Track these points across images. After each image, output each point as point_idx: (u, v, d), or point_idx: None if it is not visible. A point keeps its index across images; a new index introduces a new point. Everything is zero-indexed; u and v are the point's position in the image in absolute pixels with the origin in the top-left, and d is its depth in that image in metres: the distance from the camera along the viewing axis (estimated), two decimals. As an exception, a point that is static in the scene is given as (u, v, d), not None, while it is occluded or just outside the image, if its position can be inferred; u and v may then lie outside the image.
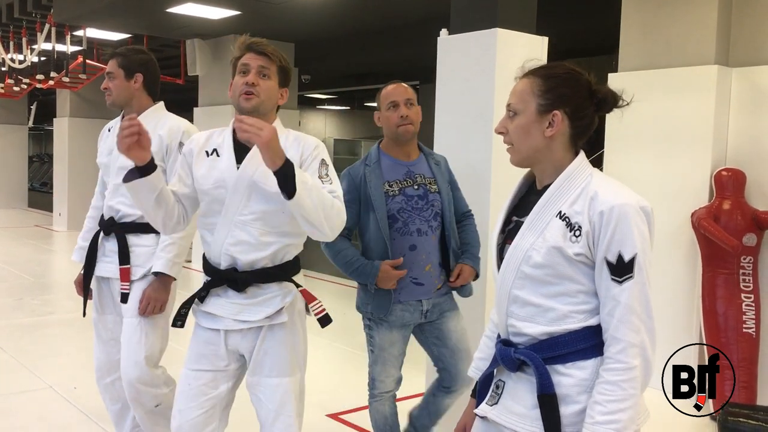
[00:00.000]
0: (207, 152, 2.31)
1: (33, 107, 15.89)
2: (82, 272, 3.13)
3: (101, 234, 3.07)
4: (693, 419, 4.00)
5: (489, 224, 3.33)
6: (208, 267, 2.35)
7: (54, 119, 13.07)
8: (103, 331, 3.13)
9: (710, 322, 4.30)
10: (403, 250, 2.87)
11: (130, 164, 2.15)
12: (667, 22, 4.64)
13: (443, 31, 3.73)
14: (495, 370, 1.73)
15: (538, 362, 1.57)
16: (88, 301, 3.21)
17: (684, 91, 4.50)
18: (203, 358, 2.35)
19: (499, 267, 1.68)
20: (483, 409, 1.71)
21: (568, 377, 1.57)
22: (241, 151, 2.26)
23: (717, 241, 4.17)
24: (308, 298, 2.41)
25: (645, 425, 1.62)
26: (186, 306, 2.38)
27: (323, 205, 2.12)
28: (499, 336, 1.73)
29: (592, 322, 1.58)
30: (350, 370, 5.16)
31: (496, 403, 1.68)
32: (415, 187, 2.92)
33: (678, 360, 4.52)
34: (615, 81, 4.74)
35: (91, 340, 5.66)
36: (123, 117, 3.08)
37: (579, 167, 1.63)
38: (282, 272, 2.33)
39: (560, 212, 1.59)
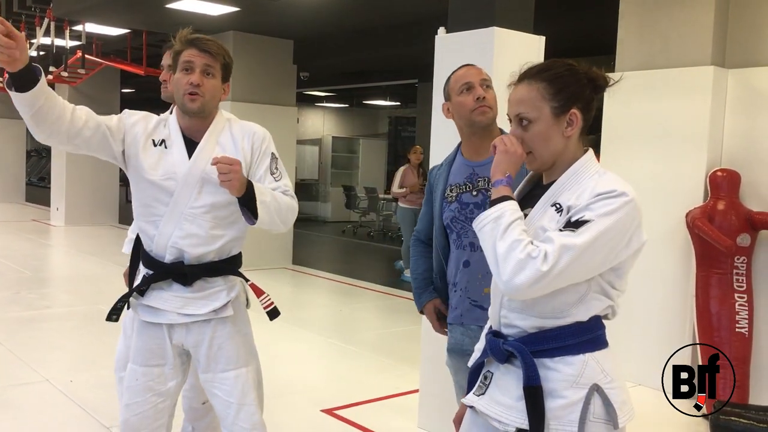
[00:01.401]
0: (154, 141, 2.28)
1: (31, 102, 15.85)
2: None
3: None
4: (686, 418, 4.02)
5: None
6: (149, 260, 2.31)
7: (52, 114, 13.05)
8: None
9: (703, 322, 4.33)
10: (458, 266, 2.46)
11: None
12: (664, 23, 4.66)
13: (441, 30, 3.75)
14: (485, 361, 1.75)
15: (525, 354, 1.59)
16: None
17: (680, 92, 4.52)
18: (149, 353, 2.33)
19: None
20: (470, 399, 1.73)
21: (554, 372, 1.58)
22: (190, 144, 2.27)
23: (711, 241, 4.20)
24: (257, 291, 2.42)
25: (630, 422, 1.64)
26: (123, 300, 2.34)
27: (279, 211, 2.23)
28: (490, 327, 1.75)
29: (581, 317, 1.60)
30: (345, 365, 5.19)
31: (483, 394, 1.70)
32: (474, 193, 2.44)
33: (673, 360, 4.55)
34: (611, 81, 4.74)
35: (89, 334, 5.70)
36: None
37: (585, 164, 1.64)
38: (228, 266, 2.34)
39: (555, 203, 1.61)
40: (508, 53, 3.46)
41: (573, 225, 1.52)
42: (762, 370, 4.30)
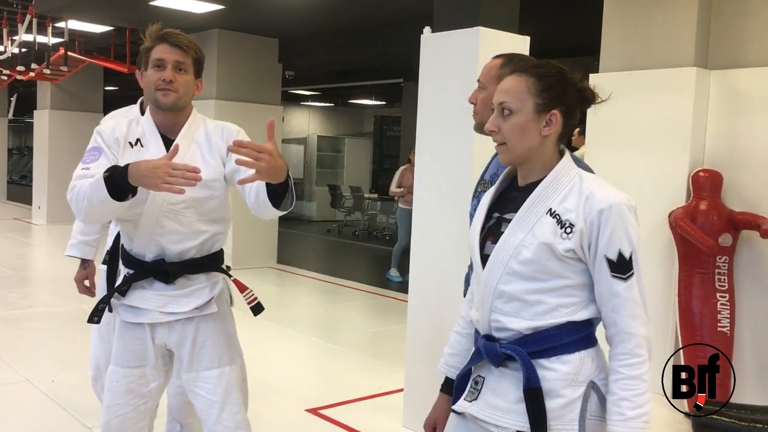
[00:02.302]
0: (131, 143, 2.25)
1: (13, 99, 15.71)
2: (110, 270, 3.00)
3: None
4: (668, 416, 4.05)
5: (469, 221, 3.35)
6: (129, 260, 2.28)
7: (34, 111, 12.95)
8: (107, 329, 2.99)
9: (686, 321, 4.36)
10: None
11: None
12: (647, 24, 4.69)
13: (426, 29, 3.75)
14: (473, 367, 1.73)
15: (524, 356, 1.58)
16: (94, 295, 3.13)
17: (663, 93, 4.56)
18: (131, 354, 2.29)
19: (482, 263, 1.68)
20: (462, 405, 1.71)
21: (552, 371, 1.58)
22: (165, 141, 2.25)
23: (693, 240, 4.23)
24: (240, 287, 2.40)
25: None
26: (104, 301, 2.30)
27: (293, 202, 2.19)
28: (478, 332, 1.73)
29: (576, 316, 1.60)
30: (330, 365, 5.18)
31: (475, 399, 1.68)
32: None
33: (654, 361, 4.58)
34: (596, 82, 4.76)
35: (71, 333, 5.64)
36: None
37: (567, 166, 1.65)
38: (210, 262, 2.31)
39: (550, 209, 1.61)
40: (493, 53, 3.45)
41: (626, 266, 1.59)
42: (743, 369, 4.34)
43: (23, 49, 10.81)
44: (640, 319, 1.58)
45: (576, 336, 1.60)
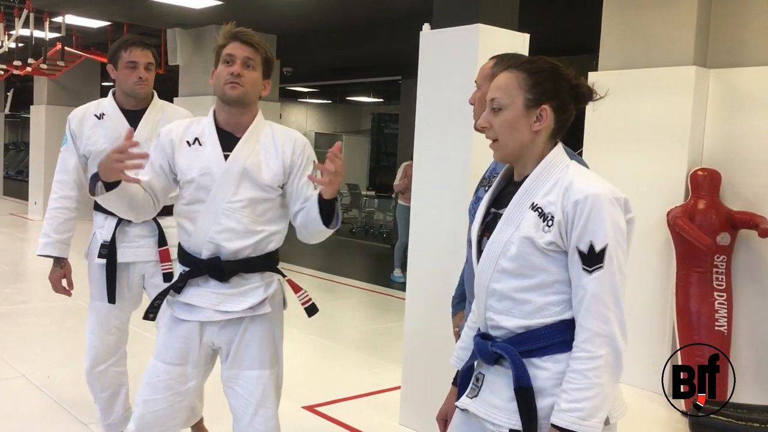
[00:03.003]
0: (188, 142, 2.29)
1: (10, 94, 15.65)
2: (109, 263, 3.04)
3: (119, 222, 3.03)
4: (665, 415, 4.06)
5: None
6: (186, 257, 2.31)
7: (31, 107, 12.90)
8: (108, 318, 3.06)
9: (683, 320, 4.36)
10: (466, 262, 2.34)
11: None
12: (647, 22, 4.68)
13: (426, 26, 3.74)
14: (475, 363, 1.74)
15: (514, 355, 1.58)
16: (72, 289, 3.19)
17: (662, 91, 4.55)
18: (174, 351, 2.30)
19: (478, 260, 1.68)
20: (464, 402, 1.72)
21: (543, 370, 1.58)
22: (223, 138, 2.28)
23: (691, 239, 4.23)
24: (295, 288, 2.41)
25: (621, 419, 1.65)
26: (160, 298, 2.32)
27: (339, 221, 2.27)
28: (478, 329, 1.74)
29: (567, 315, 1.59)
30: (326, 362, 5.17)
31: (476, 396, 1.69)
32: (487, 188, 2.23)
33: (651, 359, 4.60)
34: (595, 80, 4.75)
35: (67, 329, 5.63)
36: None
37: (556, 158, 1.64)
38: (265, 262, 2.33)
39: (533, 203, 1.60)
40: (492, 51, 3.44)
41: (596, 259, 1.53)
42: (740, 368, 4.34)
43: (20, 44, 10.78)
44: (597, 315, 1.53)
45: (568, 336, 1.58)
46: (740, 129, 4.41)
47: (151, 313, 2.34)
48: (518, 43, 3.59)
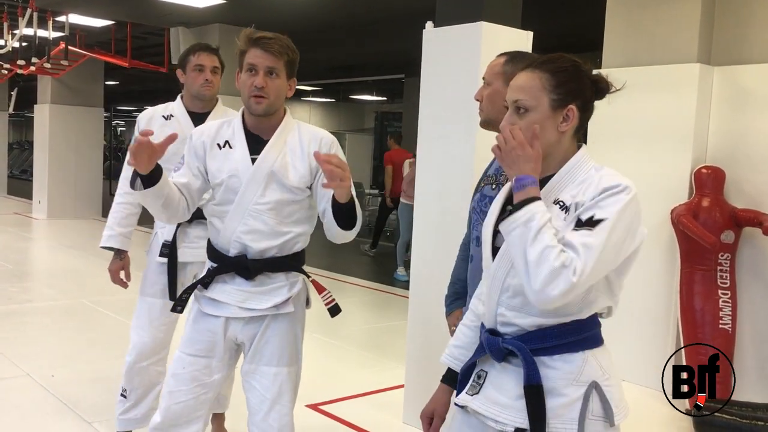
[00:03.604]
0: (219, 145, 2.34)
1: (13, 93, 15.68)
2: (170, 262, 3.09)
3: (180, 223, 3.06)
4: (669, 414, 4.04)
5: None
6: (214, 253, 2.37)
7: (35, 106, 12.92)
8: (160, 315, 3.13)
9: (687, 318, 4.35)
10: (469, 261, 2.32)
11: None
12: (650, 19, 4.67)
13: (429, 24, 3.73)
14: (476, 360, 1.72)
15: (526, 353, 1.56)
16: (127, 285, 3.27)
17: (666, 89, 4.53)
18: (201, 344, 2.36)
19: (493, 257, 1.66)
20: (464, 398, 1.70)
21: (554, 370, 1.57)
22: (252, 141, 2.33)
23: (695, 237, 4.22)
24: (319, 288, 2.47)
25: (625, 420, 1.64)
26: (188, 291, 2.40)
27: (359, 223, 2.27)
28: (483, 326, 1.72)
29: (582, 315, 1.58)
30: (330, 361, 5.17)
31: (477, 393, 1.67)
32: (493, 186, 2.23)
33: (655, 357, 4.59)
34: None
35: (71, 328, 5.64)
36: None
37: (581, 160, 1.64)
38: (290, 262, 2.37)
39: (557, 199, 1.59)
40: (495, 48, 3.43)
41: (588, 224, 1.49)
42: (744, 366, 4.33)
43: (24, 43, 10.78)
44: (572, 252, 1.46)
45: (580, 335, 1.58)
46: (744, 126, 4.39)
47: (179, 306, 2.43)
48: (522, 41, 3.58)
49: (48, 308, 6.31)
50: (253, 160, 2.30)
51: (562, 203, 1.57)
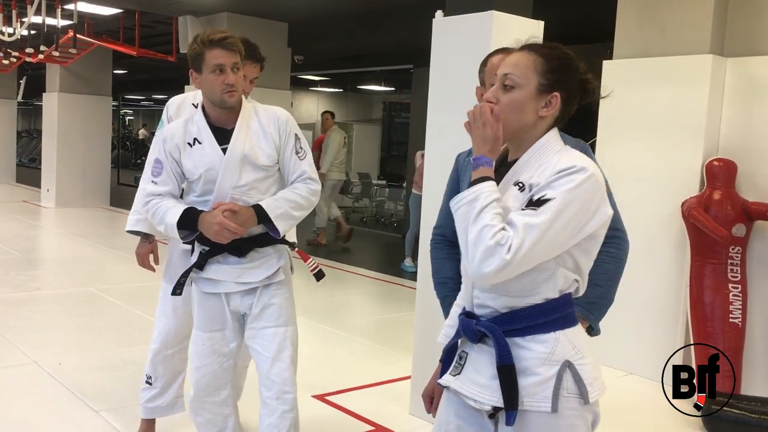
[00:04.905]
0: (189, 144, 2.54)
1: (22, 82, 15.71)
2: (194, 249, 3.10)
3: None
4: (677, 407, 4.02)
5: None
6: (204, 238, 2.52)
7: (43, 94, 12.93)
8: (185, 303, 3.09)
9: (697, 312, 4.32)
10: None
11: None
12: (662, 10, 4.62)
13: (439, 13, 3.70)
14: (459, 341, 1.76)
15: (497, 334, 1.60)
16: (155, 270, 3.26)
17: (678, 80, 4.49)
18: (212, 319, 2.60)
19: None
20: (447, 379, 1.75)
21: (527, 350, 1.60)
22: (217, 133, 2.53)
23: (706, 230, 4.18)
24: (304, 257, 2.76)
25: (602, 396, 1.66)
26: (185, 275, 2.58)
27: (298, 208, 2.57)
28: (463, 308, 1.76)
29: (552, 294, 1.61)
30: (337, 351, 5.17)
31: (459, 374, 1.72)
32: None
33: (664, 351, 4.56)
34: (609, 68, 4.72)
35: (79, 316, 5.65)
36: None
37: (549, 141, 1.65)
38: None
39: (518, 181, 1.62)
40: (506, 38, 3.40)
41: (535, 204, 1.53)
42: (754, 360, 4.30)
43: (32, 32, 10.78)
44: (512, 232, 1.49)
45: (552, 316, 1.61)
46: (757, 119, 4.34)
47: (178, 289, 2.60)
48: (533, 30, 3.54)
49: (56, 296, 6.33)
50: (224, 150, 2.50)
51: (521, 184, 1.61)
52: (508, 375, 1.58)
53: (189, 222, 2.48)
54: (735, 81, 4.43)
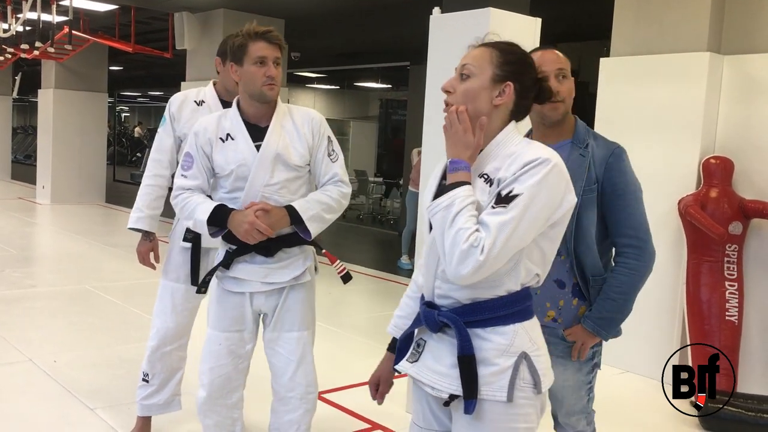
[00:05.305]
0: (222, 138, 2.51)
1: (17, 78, 15.64)
2: (194, 247, 3.07)
3: None
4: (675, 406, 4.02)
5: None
6: (231, 237, 2.49)
7: (39, 91, 12.89)
8: (184, 300, 3.14)
9: (694, 309, 4.33)
10: None
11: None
12: (660, 8, 4.61)
13: (436, 10, 3.69)
14: (416, 330, 1.81)
15: (459, 325, 1.65)
16: (155, 267, 3.26)
17: (675, 78, 4.49)
18: (231, 320, 2.57)
19: (430, 229, 1.73)
20: (403, 365, 1.81)
21: (487, 341, 1.65)
22: (251, 130, 2.50)
23: (703, 228, 4.18)
24: (331, 258, 2.71)
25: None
26: (211, 274, 2.57)
27: (329, 210, 2.55)
28: (423, 298, 1.79)
29: (514, 287, 1.66)
30: (333, 349, 5.15)
31: (416, 361, 1.78)
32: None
33: (661, 349, 4.56)
34: (607, 66, 4.71)
35: (74, 314, 5.63)
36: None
37: (509, 135, 1.70)
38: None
39: (482, 173, 1.67)
40: (503, 35, 3.38)
41: (504, 200, 1.57)
42: (751, 358, 4.31)
43: (27, 28, 10.73)
44: (481, 233, 1.55)
45: (513, 309, 1.66)
46: (754, 117, 4.34)
47: (203, 287, 2.61)
48: (530, 27, 3.54)
49: (51, 293, 6.31)
50: (257, 147, 2.47)
51: (486, 176, 1.65)
52: (468, 365, 1.64)
53: (219, 219, 2.44)
54: (732, 78, 4.43)
